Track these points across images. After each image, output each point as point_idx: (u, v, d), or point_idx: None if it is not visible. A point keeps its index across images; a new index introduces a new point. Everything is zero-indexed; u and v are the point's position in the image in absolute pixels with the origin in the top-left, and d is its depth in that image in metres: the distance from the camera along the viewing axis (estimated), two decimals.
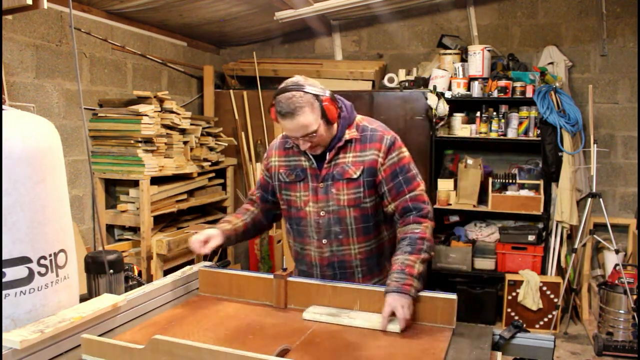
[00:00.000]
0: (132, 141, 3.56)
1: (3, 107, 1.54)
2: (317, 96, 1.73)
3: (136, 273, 3.31)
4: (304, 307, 1.70)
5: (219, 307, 1.74)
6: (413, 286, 1.61)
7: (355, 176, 1.81)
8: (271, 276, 1.76)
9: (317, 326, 1.57)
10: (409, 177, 1.84)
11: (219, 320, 1.62)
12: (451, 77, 4.37)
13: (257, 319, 1.64)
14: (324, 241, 1.88)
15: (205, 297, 1.84)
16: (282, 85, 1.76)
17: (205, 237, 1.86)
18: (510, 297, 4.10)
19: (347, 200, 1.82)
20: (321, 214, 1.85)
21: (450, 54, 4.47)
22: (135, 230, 3.81)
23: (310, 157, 1.86)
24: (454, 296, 1.59)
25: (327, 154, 1.84)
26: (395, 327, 1.54)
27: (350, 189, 1.82)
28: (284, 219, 2.03)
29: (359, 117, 1.91)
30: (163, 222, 3.95)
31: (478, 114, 4.36)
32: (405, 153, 1.89)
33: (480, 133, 4.34)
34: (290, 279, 1.74)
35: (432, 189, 4.38)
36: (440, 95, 4.21)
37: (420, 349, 1.42)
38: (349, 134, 1.84)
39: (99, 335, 1.50)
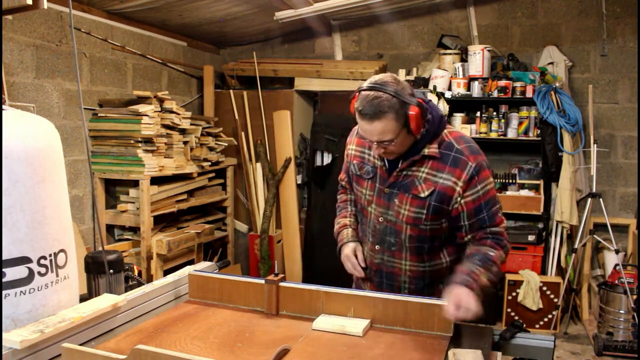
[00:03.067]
0: (132, 141, 3.56)
1: (3, 107, 1.54)
2: (404, 104, 1.58)
3: (136, 273, 3.31)
4: (296, 313, 1.66)
5: (208, 313, 1.69)
6: (475, 290, 1.55)
7: (423, 195, 1.68)
8: (262, 281, 1.70)
9: (309, 334, 1.53)
10: (493, 212, 1.70)
11: (208, 327, 1.58)
12: (451, 77, 4.37)
13: (247, 326, 1.59)
14: (377, 247, 1.81)
15: (195, 302, 1.79)
16: (371, 80, 1.61)
17: (354, 252, 1.87)
18: (510, 297, 4.10)
19: (407, 216, 1.71)
20: (380, 219, 1.78)
21: (450, 54, 4.47)
22: (135, 230, 3.81)
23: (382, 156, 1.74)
24: None
25: (400, 162, 1.70)
26: (357, 329, 1.52)
27: (414, 206, 1.70)
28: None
29: (446, 131, 1.72)
30: (163, 222, 3.95)
31: (478, 114, 4.36)
32: (491, 184, 1.71)
33: (480, 133, 4.34)
34: (282, 284, 1.69)
35: None
36: (440, 95, 4.21)
37: None
38: (429, 149, 1.67)
39: (99, 336, 1.51)
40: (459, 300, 1.51)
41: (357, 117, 1.62)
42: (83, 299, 1.74)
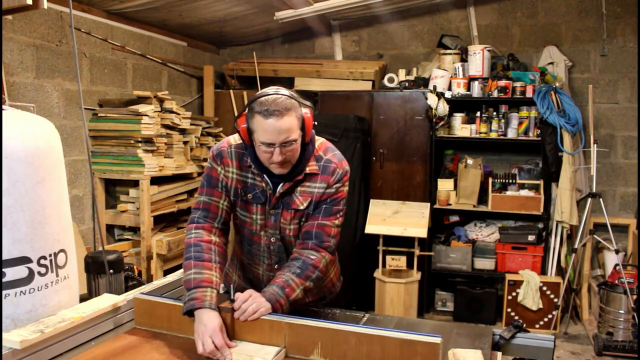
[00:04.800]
0: (132, 141, 3.56)
1: (3, 107, 1.54)
2: (300, 105, 1.63)
3: (136, 273, 3.32)
4: (257, 343, 1.46)
5: (152, 345, 1.48)
6: (283, 307, 1.56)
7: (302, 207, 1.73)
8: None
9: None
10: (332, 209, 1.73)
11: None
12: (451, 77, 4.37)
13: None
14: (276, 266, 1.81)
15: (140, 331, 1.58)
16: (260, 92, 1.62)
17: (212, 334, 1.47)
18: (510, 297, 4.10)
19: (293, 230, 1.75)
20: (272, 239, 1.77)
21: (450, 54, 4.47)
22: (135, 230, 3.81)
23: (268, 180, 1.70)
24: (437, 339, 1.32)
25: (282, 183, 1.69)
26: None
27: (296, 219, 1.74)
28: (235, 227, 1.86)
29: (316, 145, 1.76)
30: (163, 222, 3.95)
31: (478, 114, 4.36)
32: (346, 189, 1.78)
33: (480, 133, 4.34)
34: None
35: (432, 189, 4.38)
36: (440, 95, 4.21)
37: None
38: (309, 167, 1.71)
39: (99, 336, 1.51)
40: (249, 305, 1.50)
41: (258, 120, 1.57)
42: (83, 299, 1.74)
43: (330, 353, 1.40)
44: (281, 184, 1.70)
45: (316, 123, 1.71)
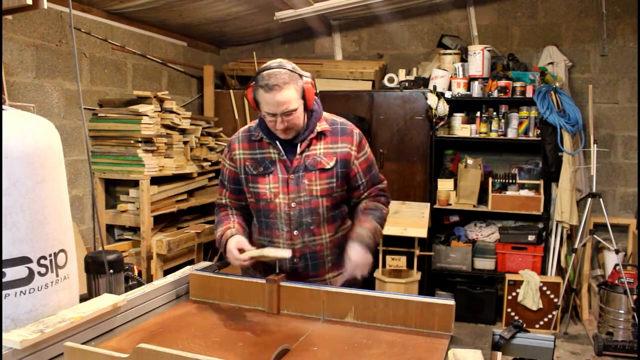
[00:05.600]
0: (132, 141, 3.56)
1: (3, 107, 1.54)
2: (300, 76, 1.81)
3: (136, 273, 3.31)
4: (297, 312, 1.67)
5: (209, 312, 1.70)
6: (371, 247, 1.84)
7: (328, 167, 1.86)
8: (263, 281, 1.71)
9: (310, 332, 1.53)
10: (377, 171, 2.01)
11: (209, 326, 1.58)
12: (451, 77, 4.37)
13: (248, 325, 1.59)
14: (295, 232, 1.88)
15: (196, 302, 1.80)
16: (265, 65, 1.82)
17: (236, 245, 1.80)
18: (510, 297, 4.10)
19: (321, 190, 1.86)
20: (292, 205, 1.86)
21: (450, 54, 4.47)
22: (135, 230, 3.81)
23: (280, 148, 1.87)
24: (451, 302, 1.54)
25: (299, 145, 1.87)
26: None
27: (324, 179, 1.86)
28: (252, 213, 1.99)
29: (324, 114, 1.98)
30: (163, 222, 3.95)
31: (478, 114, 4.36)
32: (369, 149, 2.01)
33: (480, 133, 4.34)
34: (283, 283, 1.70)
35: (432, 189, 4.38)
36: (440, 95, 4.21)
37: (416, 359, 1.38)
38: (320, 126, 1.90)
39: (99, 336, 1.51)
40: (358, 261, 1.78)
41: (261, 93, 1.77)
42: (83, 299, 1.74)
43: (362, 316, 1.61)
44: (298, 145, 1.86)
45: (318, 92, 1.91)
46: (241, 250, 1.78)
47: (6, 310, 1.44)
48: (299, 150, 1.87)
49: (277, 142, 1.87)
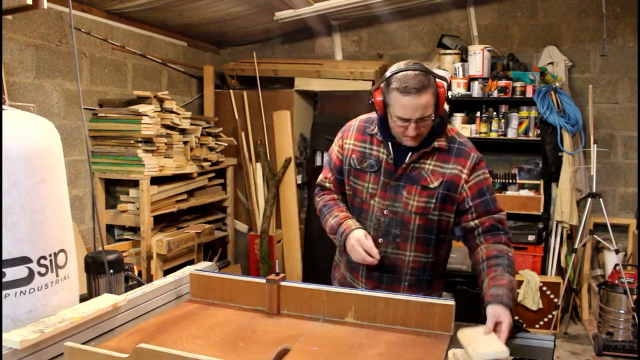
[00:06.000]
0: (132, 141, 3.56)
1: (3, 107, 1.54)
2: (437, 79, 1.70)
3: (136, 273, 3.31)
4: (297, 312, 1.66)
5: (209, 312, 1.70)
6: (512, 307, 1.58)
7: (432, 186, 1.75)
8: (263, 281, 1.70)
9: (310, 332, 1.53)
10: (495, 198, 1.81)
11: (209, 326, 1.58)
12: (451, 77, 4.37)
13: (248, 325, 1.59)
14: (381, 240, 1.81)
15: (196, 302, 1.79)
16: (400, 65, 1.69)
17: (365, 236, 1.75)
18: None
19: (417, 207, 1.77)
20: (385, 212, 1.80)
21: (450, 54, 4.47)
22: (135, 230, 3.81)
23: (390, 150, 1.78)
24: (451, 302, 1.54)
25: (409, 154, 1.77)
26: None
27: (423, 196, 1.76)
28: (349, 205, 1.93)
29: (448, 127, 1.85)
30: (163, 222, 3.95)
31: (478, 114, 4.36)
32: (488, 175, 1.83)
33: (480, 133, 4.34)
34: (283, 283, 1.69)
35: None
36: None
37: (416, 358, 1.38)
38: (438, 142, 1.77)
39: (99, 336, 1.51)
40: (502, 323, 1.50)
41: (396, 96, 1.66)
42: (83, 299, 1.74)
43: (362, 316, 1.60)
44: (409, 154, 1.77)
45: (450, 96, 1.79)
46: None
47: (6, 310, 1.44)
48: (408, 159, 1.77)
49: (389, 144, 1.79)
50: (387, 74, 1.70)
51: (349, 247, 1.77)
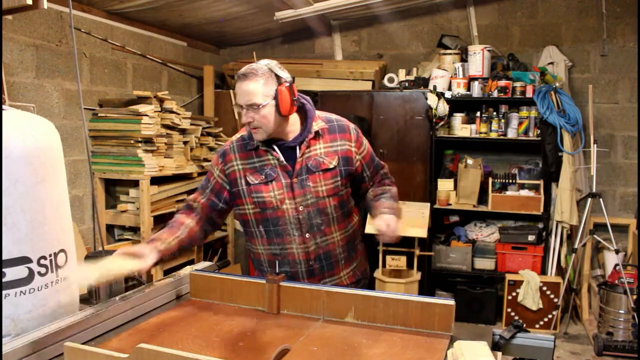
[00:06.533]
0: (132, 141, 3.56)
1: (3, 107, 1.54)
2: (277, 78, 1.78)
3: (136, 273, 3.31)
4: (297, 312, 1.66)
5: (209, 312, 1.70)
6: (398, 217, 1.82)
7: (331, 166, 1.86)
8: (263, 281, 1.71)
9: (310, 332, 1.54)
10: (378, 159, 2.04)
11: (209, 326, 1.58)
12: (451, 77, 4.37)
13: (248, 325, 1.59)
14: (307, 235, 1.87)
15: (196, 302, 1.80)
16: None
17: (135, 252, 1.68)
18: (510, 297, 4.10)
19: (327, 190, 1.86)
20: (300, 208, 1.85)
21: (450, 54, 4.47)
22: (135, 230, 3.81)
23: (279, 153, 1.85)
24: (452, 302, 1.54)
25: (298, 147, 1.85)
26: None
27: (328, 179, 1.86)
28: (253, 224, 1.92)
29: (316, 112, 1.96)
30: (163, 222, 3.95)
31: (478, 114, 4.36)
32: (366, 141, 2.02)
33: (480, 133, 4.34)
34: (283, 283, 1.69)
35: (432, 189, 4.38)
36: (440, 95, 4.21)
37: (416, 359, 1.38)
38: (317, 125, 1.88)
39: (99, 336, 1.51)
40: (389, 223, 1.75)
41: (236, 84, 1.78)
42: (83, 299, 1.74)
43: (362, 316, 1.61)
44: (298, 147, 1.85)
45: (296, 98, 1.84)
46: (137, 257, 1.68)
47: (6, 310, 1.44)
48: (299, 152, 1.85)
49: (275, 147, 1.85)
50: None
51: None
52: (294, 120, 1.87)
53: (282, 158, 1.85)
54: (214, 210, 1.93)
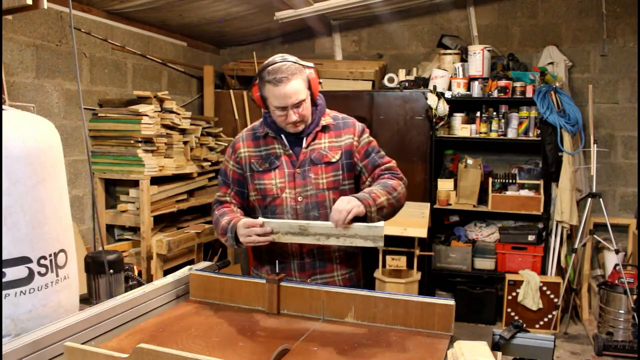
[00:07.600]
0: (132, 141, 3.56)
1: (3, 107, 1.54)
2: (304, 68, 1.83)
3: (136, 273, 3.30)
4: (297, 312, 1.66)
5: (209, 312, 1.71)
6: (371, 208, 1.72)
7: (334, 160, 1.88)
8: (263, 281, 1.71)
9: (310, 332, 1.54)
10: (382, 154, 1.96)
11: (209, 326, 1.58)
12: (451, 77, 4.37)
13: (248, 325, 1.59)
14: None
15: (196, 302, 1.80)
16: (268, 61, 1.83)
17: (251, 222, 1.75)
18: (510, 297, 4.10)
19: (327, 183, 1.87)
20: (298, 199, 1.87)
21: (450, 54, 4.47)
22: (135, 230, 3.81)
23: (285, 142, 1.88)
24: (452, 302, 1.54)
25: (304, 139, 1.88)
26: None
27: (329, 172, 1.88)
28: (254, 212, 1.96)
29: (326, 110, 1.99)
30: (163, 222, 3.95)
31: (478, 114, 4.36)
32: (373, 140, 1.99)
33: (480, 133, 4.34)
34: (283, 283, 1.70)
35: (432, 189, 4.38)
36: (440, 95, 4.21)
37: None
38: (325, 120, 1.92)
39: (99, 336, 1.51)
40: (339, 209, 1.65)
41: (269, 89, 1.79)
42: (83, 299, 1.74)
43: (362, 316, 1.61)
44: (304, 139, 1.88)
45: (321, 81, 1.90)
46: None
47: (6, 310, 1.44)
48: (304, 144, 1.88)
49: (283, 137, 1.89)
50: (260, 69, 1.84)
51: (241, 234, 1.78)
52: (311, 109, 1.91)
53: (288, 146, 1.89)
54: (243, 198, 1.99)
